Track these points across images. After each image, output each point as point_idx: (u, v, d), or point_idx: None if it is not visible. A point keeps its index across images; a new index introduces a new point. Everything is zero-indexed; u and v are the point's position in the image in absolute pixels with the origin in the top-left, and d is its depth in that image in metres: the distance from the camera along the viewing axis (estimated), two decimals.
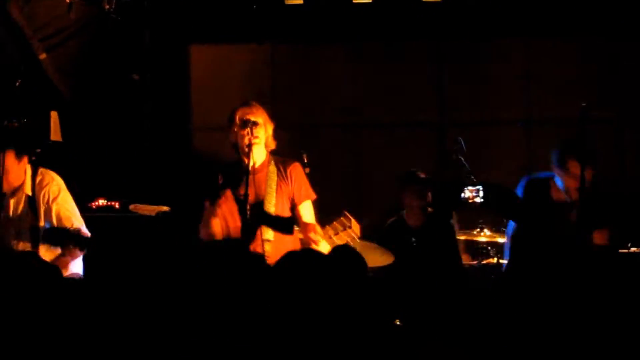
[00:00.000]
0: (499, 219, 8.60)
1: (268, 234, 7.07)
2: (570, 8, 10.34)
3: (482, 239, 8.65)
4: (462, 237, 8.69)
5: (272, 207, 7.11)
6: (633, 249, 7.75)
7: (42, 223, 7.51)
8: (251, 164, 7.04)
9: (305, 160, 8.12)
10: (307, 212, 7.19)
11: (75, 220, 7.55)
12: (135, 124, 10.66)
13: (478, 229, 8.60)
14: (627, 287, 3.75)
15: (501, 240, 8.45)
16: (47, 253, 7.34)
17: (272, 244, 7.03)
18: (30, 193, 7.60)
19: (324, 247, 6.76)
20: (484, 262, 8.57)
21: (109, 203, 9.15)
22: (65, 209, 7.58)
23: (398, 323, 7.02)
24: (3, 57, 8.89)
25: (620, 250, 7.11)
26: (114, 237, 8.24)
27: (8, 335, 4.16)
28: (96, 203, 9.12)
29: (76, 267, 7.57)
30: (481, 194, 5.78)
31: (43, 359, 4.13)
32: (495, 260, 8.47)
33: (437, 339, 3.95)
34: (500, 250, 8.51)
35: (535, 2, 10.40)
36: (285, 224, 7.15)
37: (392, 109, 11.09)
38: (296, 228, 7.20)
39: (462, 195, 5.63)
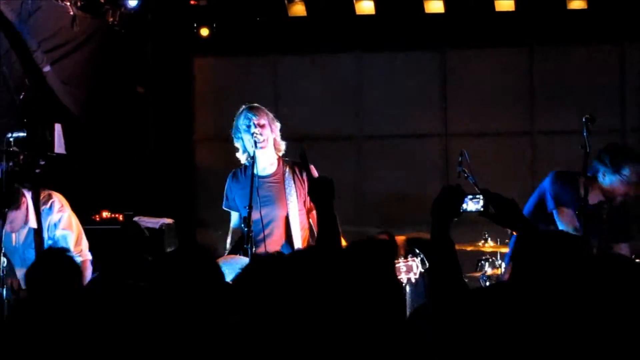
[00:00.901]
0: (502, 229, 8.59)
1: (295, 238, 7.03)
2: (577, 16, 10.32)
3: (486, 249, 8.64)
4: (469, 248, 8.67)
5: (294, 210, 7.06)
6: None
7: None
8: (260, 169, 7.02)
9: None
10: None
11: (76, 247, 7.32)
12: (138, 136, 10.67)
13: (483, 240, 8.59)
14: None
15: (504, 250, 8.43)
16: None
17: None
18: (36, 226, 7.33)
19: None
20: (489, 273, 8.54)
21: (112, 215, 9.15)
22: (64, 237, 7.33)
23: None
24: (7, 70, 8.89)
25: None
26: (118, 250, 8.23)
27: None
28: (100, 215, 9.12)
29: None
30: (481, 203, 5.74)
31: None
32: (499, 271, 8.43)
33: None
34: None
35: (539, 12, 10.38)
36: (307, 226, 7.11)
37: (395, 119, 11.09)
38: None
39: (464, 206, 5.58)
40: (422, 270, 6.62)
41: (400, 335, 3.88)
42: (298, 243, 6.98)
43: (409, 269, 6.80)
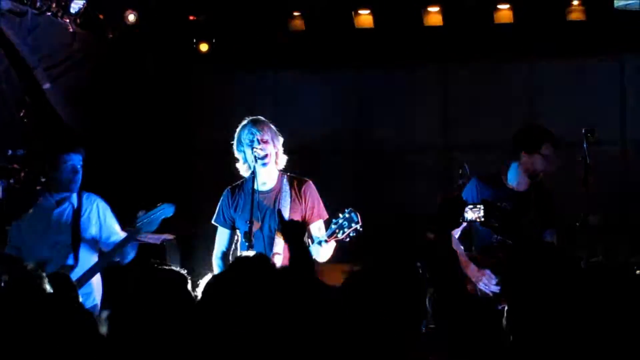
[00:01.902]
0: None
1: (278, 247, 7.01)
2: (576, 27, 10.33)
3: None
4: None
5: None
6: None
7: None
8: (260, 184, 7.02)
9: None
10: (319, 231, 7.11)
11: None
12: (138, 149, 10.67)
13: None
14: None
15: None
16: None
17: (281, 258, 6.96)
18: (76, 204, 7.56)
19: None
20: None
21: None
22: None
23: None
24: (7, 87, 8.91)
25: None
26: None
27: None
28: None
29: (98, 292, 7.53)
30: (482, 212, 5.75)
31: None
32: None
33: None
34: None
35: (538, 23, 10.38)
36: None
37: (396, 132, 11.09)
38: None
39: (464, 215, 5.59)
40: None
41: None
42: (279, 257, 6.97)
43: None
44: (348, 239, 6.79)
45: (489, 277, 7.22)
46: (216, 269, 7.12)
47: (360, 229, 6.79)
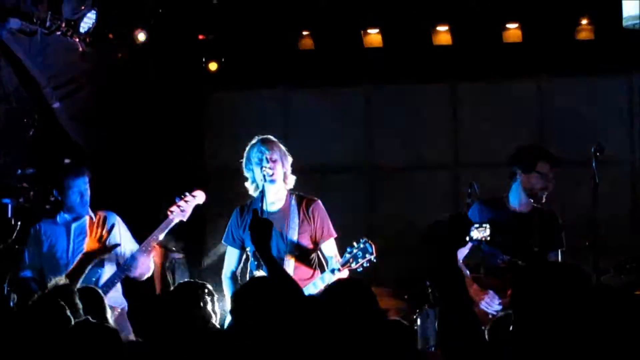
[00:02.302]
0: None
1: (288, 268, 6.97)
2: (584, 47, 10.33)
3: None
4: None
5: (293, 245, 7.05)
6: None
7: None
8: (268, 204, 7.01)
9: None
10: (330, 249, 7.12)
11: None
12: (148, 169, 10.68)
13: None
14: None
15: None
16: None
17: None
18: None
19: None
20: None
21: None
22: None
23: None
24: (17, 106, 8.93)
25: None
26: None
27: None
28: None
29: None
30: (488, 232, 5.74)
31: None
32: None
33: None
34: None
35: (547, 43, 10.39)
36: (306, 259, 7.11)
37: (405, 151, 11.09)
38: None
39: (470, 235, 5.58)
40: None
41: None
42: (291, 271, 6.98)
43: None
44: (361, 269, 6.82)
45: (491, 297, 7.19)
46: (226, 289, 7.14)
47: (375, 260, 6.82)
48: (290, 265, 7.01)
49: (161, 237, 7.53)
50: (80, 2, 8.80)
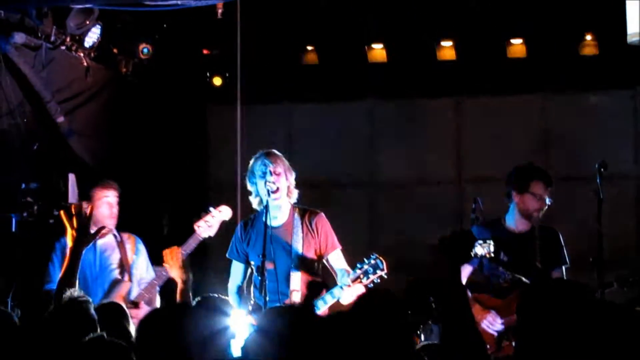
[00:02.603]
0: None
1: (295, 283, 7.00)
2: (588, 62, 10.32)
3: None
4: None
5: (299, 259, 7.05)
6: None
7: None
8: (272, 218, 7.01)
9: None
10: (337, 261, 7.11)
11: None
12: (151, 184, 10.67)
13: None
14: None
15: None
16: None
17: (300, 295, 6.96)
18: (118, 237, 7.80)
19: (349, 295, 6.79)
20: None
21: None
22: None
23: None
24: (21, 121, 8.93)
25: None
26: None
27: None
28: None
29: None
30: (492, 248, 5.73)
31: None
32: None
33: None
34: None
35: (551, 58, 10.38)
36: (311, 274, 7.11)
37: (409, 166, 11.08)
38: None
39: (474, 251, 5.56)
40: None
41: None
42: (297, 294, 6.98)
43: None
44: (372, 285, 6.81)
45: (493, 316, 7.18)
46: (234, 304, 7.11)
47: (386, 276, 6.81)
48: (297, 279, 7.01)
49: (189, 252, 7.56)
50: (85, 16, 8.81)
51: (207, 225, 7.42)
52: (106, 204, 7.66)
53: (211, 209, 7.46)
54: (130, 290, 7.64)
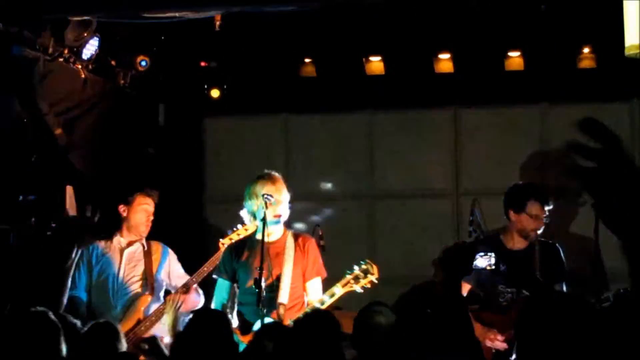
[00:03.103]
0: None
1: (283, 297, 7.03)
2: (586, 75, 10.33)
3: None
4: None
5: (288, 275, 7.08)
6: None
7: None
8: (267, 237, 7.03)
9: (321, 233, 8.14)
10: (314, 289, 7.20)
11: None
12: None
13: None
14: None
15: None
16: None
17: (285, 307, 7.01)
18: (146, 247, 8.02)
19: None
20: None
21: None
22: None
23: None
24: (19, 133, 8.92)
25: None
26: None
27: None
28: None
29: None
30: (492, 260, 5.73)
31: None
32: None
33: None
34: None
35: (549, 71, 10.39)
36: (298, 289, 7.16)
37: (407, 178, 11.07)
38: None
39: (475, 263, 5.57)
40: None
41: None
42: (283, 308, 7.03)
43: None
44: (362, 290, 6.84)
45: (495, 334, 7.17)
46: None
47: (376, 281, 6.83)
48: (285, 293, 7.07)
49: (212, 269, 7.64)
50: (83, 28, 8.81)
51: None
52: (144, 211, 7.91)
53: (238, 226, 7.56)
54: (150, 304, 7.68)
